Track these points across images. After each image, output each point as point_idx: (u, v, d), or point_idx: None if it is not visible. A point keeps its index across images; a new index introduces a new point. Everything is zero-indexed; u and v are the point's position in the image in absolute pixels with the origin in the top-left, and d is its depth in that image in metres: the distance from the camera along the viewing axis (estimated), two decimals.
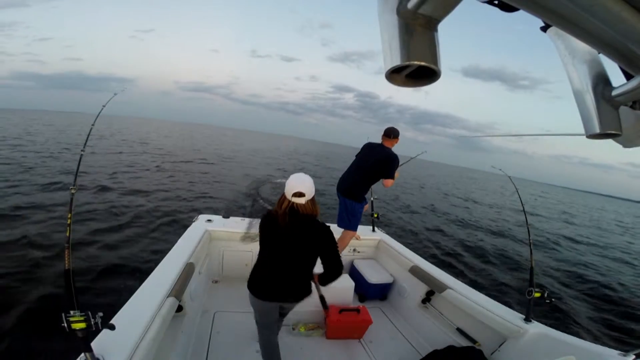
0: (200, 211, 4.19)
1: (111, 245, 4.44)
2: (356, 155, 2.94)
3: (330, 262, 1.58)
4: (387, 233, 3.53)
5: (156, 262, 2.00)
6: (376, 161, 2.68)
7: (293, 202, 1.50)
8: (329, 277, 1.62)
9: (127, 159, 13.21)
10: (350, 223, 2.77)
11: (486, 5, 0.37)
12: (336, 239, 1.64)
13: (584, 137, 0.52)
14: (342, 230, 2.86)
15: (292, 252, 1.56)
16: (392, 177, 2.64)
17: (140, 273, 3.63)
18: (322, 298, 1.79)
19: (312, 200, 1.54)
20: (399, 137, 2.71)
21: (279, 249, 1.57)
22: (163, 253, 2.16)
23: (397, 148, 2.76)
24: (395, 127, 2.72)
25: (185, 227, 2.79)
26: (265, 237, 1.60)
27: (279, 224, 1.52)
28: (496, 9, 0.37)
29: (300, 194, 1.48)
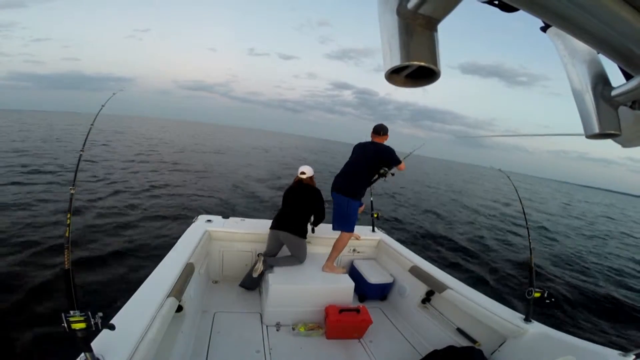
0: (200, 211, 4.20)
1: (111, 245, 4.45)
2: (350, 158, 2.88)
3: (317, 211, 2.84)
4: (387, 233, 3.53)
5: (156, 263, 2.00)
6: (374, 154, 2.67)
7: (300, 177, 2.83)
8: (317, 221, 2.90)
9: (126, 159, 13.21)
10: (346, 224, 2.71)
11: (481, 5, 0.37)
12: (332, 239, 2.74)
13: (584, 137, 0.52)
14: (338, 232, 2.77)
15: (296, 203, 2.77)
16: (399, 162, 2.64)
17: (140, 273, 3.63)
18: (312, 229, 3.01)
19: (311, 177, 2.86)
20: (389, 134, 2.72)
21: (290, 202, 2.80)
22: (163, 253, 2.17)
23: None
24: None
25: (185, 227, 2.80)
26: (285, 197, 2.86)
27: (293, 188, 2.85)
28: (494, 8, 0.37)
29: (303, 173, 2.84)
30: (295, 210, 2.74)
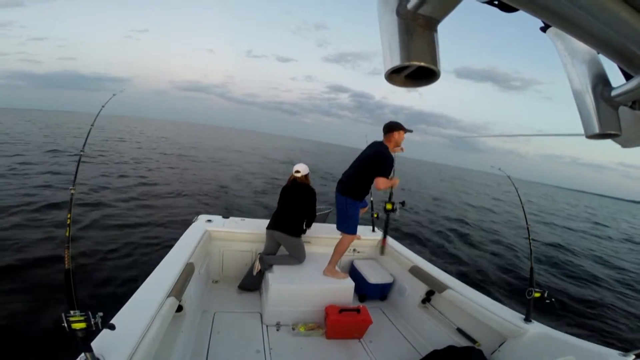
0: (200, 211, 4.20)
1: (111, 245, 4.44)
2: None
3: (306, 210, 2.76)
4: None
5: (156, 262, 2.00)
6: (365, 157, 2.59)
7: (294, 175, 2.77)
8: (307, 221, 2.79)
9: (124, 160, 13.20)
10: (346, 225, 2.64)
11: (478, 7, 0.37)
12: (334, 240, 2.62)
13: (584, 137, 0.52)
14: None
15: (291, 203, 2.75)
16: (383, 175, 2.40)
17: (140, 273, 3.62)
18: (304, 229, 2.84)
19: (306, 175, 2.80)
20: (397, 130, 2.45)
21: (284, 201, 2.78)
22: (163, 253, 2.17)
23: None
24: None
25: (185, 227, 2.80)
26: (280, 196, 2.83)
27: (288, 187, 2.82)
28: (493, 10, 0.37)
29: (297, 171, 2.77)
30: (290, 209, 2.73)
